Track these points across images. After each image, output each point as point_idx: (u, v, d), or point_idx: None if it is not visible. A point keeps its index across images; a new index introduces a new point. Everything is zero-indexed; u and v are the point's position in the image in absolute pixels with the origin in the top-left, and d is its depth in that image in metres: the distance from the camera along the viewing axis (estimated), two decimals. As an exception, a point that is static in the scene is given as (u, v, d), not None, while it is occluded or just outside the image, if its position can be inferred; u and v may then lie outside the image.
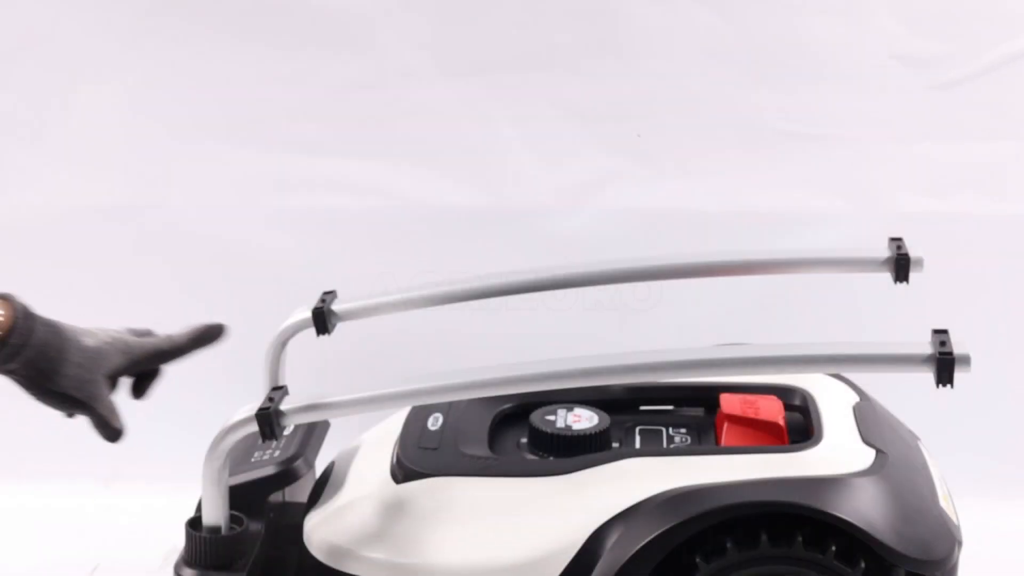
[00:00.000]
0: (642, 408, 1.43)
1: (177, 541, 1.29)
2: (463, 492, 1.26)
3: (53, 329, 1.13)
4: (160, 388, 2.10)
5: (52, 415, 2.09)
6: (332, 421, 1.46)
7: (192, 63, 2.07)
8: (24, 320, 1.10)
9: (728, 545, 1.18)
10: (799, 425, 1.36)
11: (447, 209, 2.08)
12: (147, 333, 1.25)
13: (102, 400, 1.15)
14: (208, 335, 1.26)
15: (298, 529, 1.32)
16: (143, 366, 1.22)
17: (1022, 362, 2.04)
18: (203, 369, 2.09)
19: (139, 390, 1.25)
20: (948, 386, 1.14)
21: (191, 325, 1.25)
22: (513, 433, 1.39)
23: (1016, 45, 2.03)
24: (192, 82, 2.08)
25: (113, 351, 1.17)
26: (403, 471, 1.30)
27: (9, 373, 1.11)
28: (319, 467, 1.43)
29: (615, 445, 1.34)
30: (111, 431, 1.17)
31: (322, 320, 1.44)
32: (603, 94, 2.08)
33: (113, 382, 1.20)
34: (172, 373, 2.14)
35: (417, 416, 1.39)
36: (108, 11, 2.05)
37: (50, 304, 2.05)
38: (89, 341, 1.15)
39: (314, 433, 1.43)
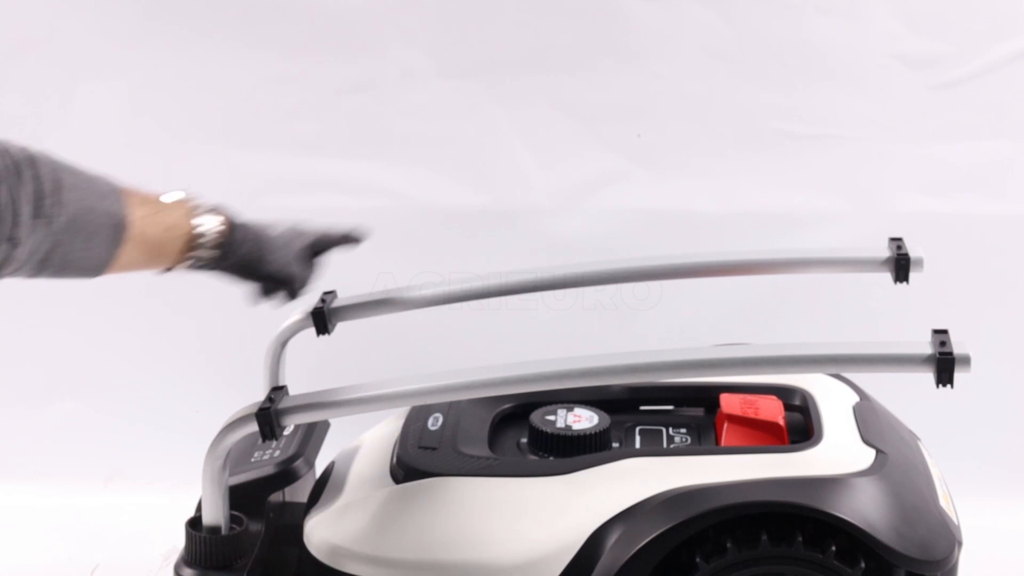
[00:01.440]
0: (642, 408, 1.44)
1: (177, 541, 1.29)
2: (463, 492, 1.26)
3: (253, 227, 1.31)
4: (160, 387, 2.11)
5: (53, 415, 2.10)
6: (332, 421, 1.46)
7: (192, 63, 2.07)
8: (236, 223, 1.28)
9: (728, 545, 1.18)
10: (799, 425, 1.36)
11: (447, 209, 2.08)
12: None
13: (297, 275, 1.34)
14: (352, 237, 1.42)
15: (298, 529, 1.32)
16: (318, 247, 1.39)
17: (1022, 362, 2.04)
18: (203, 369, 2.11)
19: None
20: (948, 386, 1.14)
21: (339, 228, 1.42)
22: (513, 433, 1.39)
23: (1016, 45, 2.03)
24: (192, 82, 2.08)
25: (293, 236, 1.36)
26: (403, 471, 1.30)
27: (226, 267, 1.29)
28: (319, 467, 1.43)
29: (615, 445, 1.34)
30: (296, 295, 1.36)
31: (322, 320, 1.44)
32: (603, 94, 2.07)
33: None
34: (173, 373, 2.15)
35: (417, 416, 1.39)
36: (108, 12, 2.05)
37: (52, 304, 2.06)
38: (274, 232, 1.34)
39: (314, 433, 1.43)
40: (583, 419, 1.34)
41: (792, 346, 1.19)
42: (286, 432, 1.36)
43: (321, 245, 1.39)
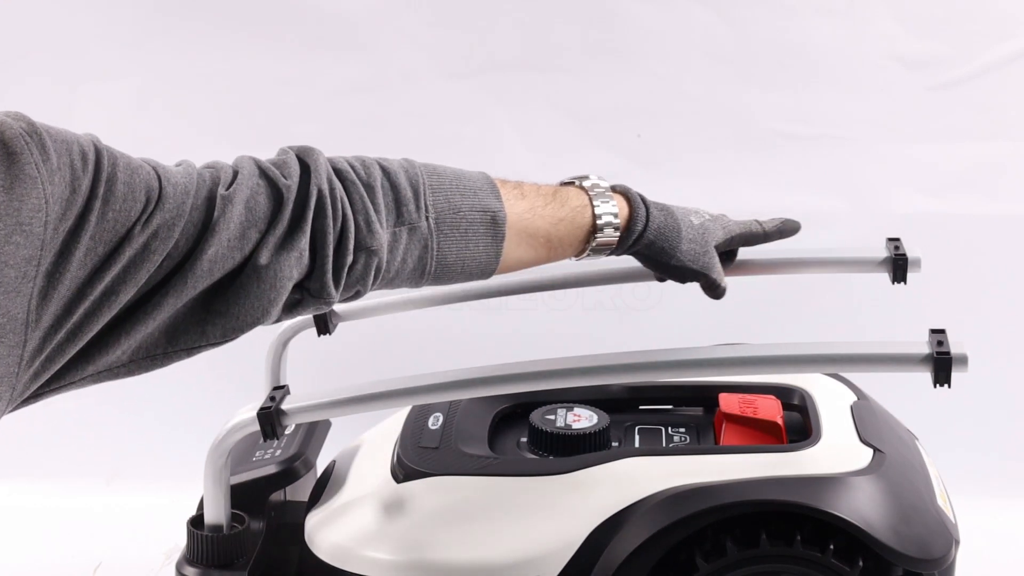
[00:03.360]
0: (641, 408, 1.44)
1: (179, 539, 1.30)
2: (463, 491, 1.27)
3: (666, 212, 1.25)
4: (161, 388, 2.12)
5: (54, 415, 2.11)
6: (333, 420, 1.47)
7: (193, 65, 2.07)
8: (641, 210, 1.23)
9: (727, 544, 1.19)
10: (797, 424, 1.37)
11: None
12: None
13: (714, 268, 1.27)
14: (789, 228, 1.34)
15: (299, 528, 1.33)
16: (736, 244, 1.32)
17: (1020, 362, 2.05)
18: (205, 369, 2.11)
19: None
20: (946, 386, 1.14)
21: (777, 218, 1.34)
22: (513, 432, 1.39)
23: (1015, 45, 2.03)
24: (193, 84, 2.08)
25: (716, 226, 1.28)
26: (404, 470, 1.31)
27: (633, 254, 1.25)
28: (320, 466, 1.44)
29: (615, 444, 1.35)
30: (719, 291, 1.29)
31: (323, 320, 1.45)
32: (603, 94, 2.08)
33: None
34: (174, 372, 2.15)
35: (417, 416, 1.40)
36: (109, 13, 2.05)
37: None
38: (695, 219, 1.27)
39: (315, 432, 1.44)
40: (583, 418, 1.34)
41: (790, 346, 1.20)
42: (287, 431, 1.36)
43: (744, 239, 1.32)
